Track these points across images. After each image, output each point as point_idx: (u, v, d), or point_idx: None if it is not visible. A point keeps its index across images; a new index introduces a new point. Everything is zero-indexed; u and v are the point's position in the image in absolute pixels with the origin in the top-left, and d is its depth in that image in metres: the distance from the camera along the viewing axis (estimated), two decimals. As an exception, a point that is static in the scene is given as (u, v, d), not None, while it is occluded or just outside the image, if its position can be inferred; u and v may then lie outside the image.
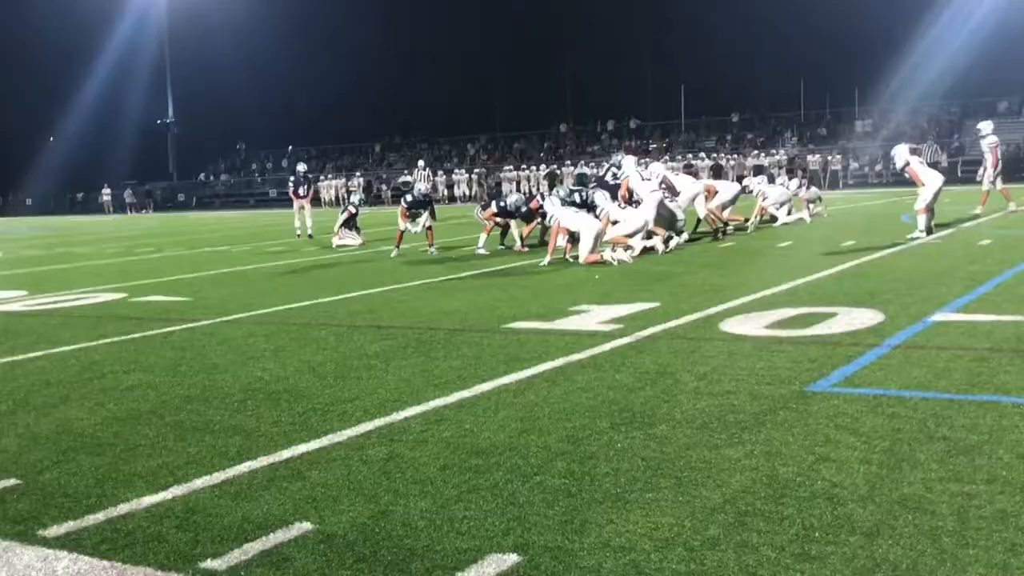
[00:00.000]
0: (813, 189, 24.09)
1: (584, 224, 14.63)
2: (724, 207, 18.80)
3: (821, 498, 4.12)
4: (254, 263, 17.84)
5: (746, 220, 19.43)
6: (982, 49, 46.46)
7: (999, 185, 22.22)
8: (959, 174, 40.62)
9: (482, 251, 16.96)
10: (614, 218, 15.08)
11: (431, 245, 17.73)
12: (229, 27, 68.19)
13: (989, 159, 22.31)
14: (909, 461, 4.55)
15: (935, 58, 47.83)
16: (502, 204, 17.60)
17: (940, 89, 50.40)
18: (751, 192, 20.95)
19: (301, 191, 25.40)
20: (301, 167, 26.78)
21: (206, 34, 69.88)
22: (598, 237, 14.58)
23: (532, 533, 3.89)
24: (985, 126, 23.00)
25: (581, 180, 31.32)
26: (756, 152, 53.00)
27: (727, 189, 19.35)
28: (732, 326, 8.30)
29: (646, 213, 15.61)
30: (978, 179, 23.13)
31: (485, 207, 18.29)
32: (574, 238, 14.87)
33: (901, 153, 16.94)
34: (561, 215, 14.83)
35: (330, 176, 63.53)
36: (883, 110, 56.43)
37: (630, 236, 14.94)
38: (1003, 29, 47.01)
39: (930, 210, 16.25)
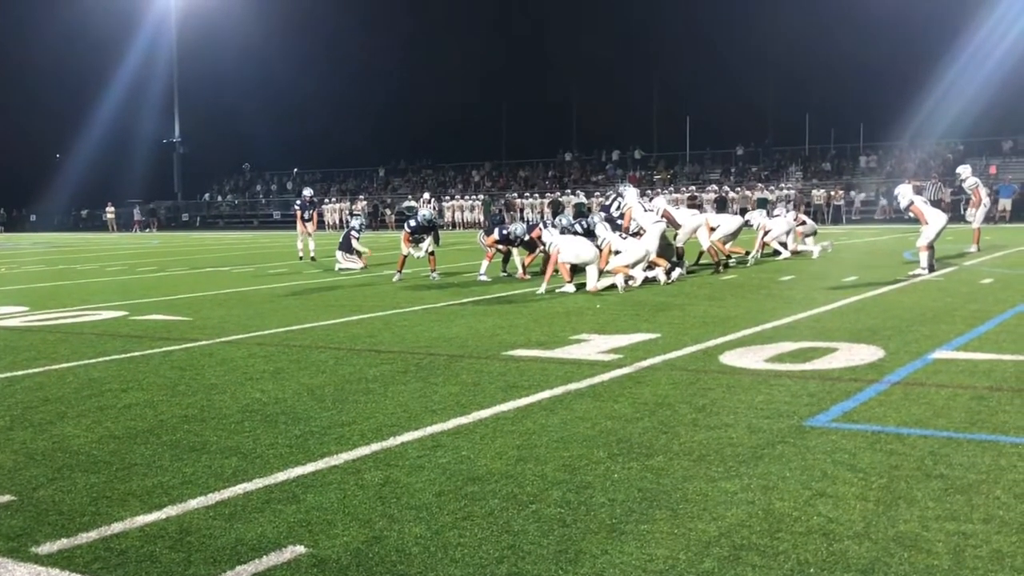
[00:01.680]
0: (810, 223, 24.13)
1: (583, 254, 14.63)
2: (726, 240, 18.83)
3: (817, 534, 4.11)
4: (256, 284, 17.85)
5: (747, 253, 19.46)
6: (988, 88, 46.71)
7: (976, 223, 22.59)
8: (962, 211, 40.69)
9: (484, 277, 16.98)
10: (615, 248, 15.10)
11: (433, 270, 17.76)
12: (237, 49, 68.67)
13: (973, 199, 23.02)
14: (906, 499, 4.54)
15: (940, 96, 48.04)
16: (504, 232, 17.61)
17: (944, 127, 50.57)
18: (751, 226, 21.01)
19: (306, 215, 25.59)
20: (307, 192, 27.12)
21: (214, 55, 70.34)
22: (597, 266, 14.64)
23: (526, 562, 3.88)
24: (964, 170, 23.73)
25: (579, 210, 31.48)
26: (761, 185, 53.09)
27: (729, 222, 19.39)
28: (732, 359, 8.29)
29: (648, 243, 15.64)
30: (968, 219, 23.58)
31: (487, 233, 18.31)
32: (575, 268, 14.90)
33: (905, 193, 17.01)
34: (560, 244, 14.80)
35: (334, 199, 63.64)
36: (887, 146, 56.68)
37: (631, 266, 14.96)
38: (1009, 69, 47.24)
39: (931, 248, 16.27)
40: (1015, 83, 47.58)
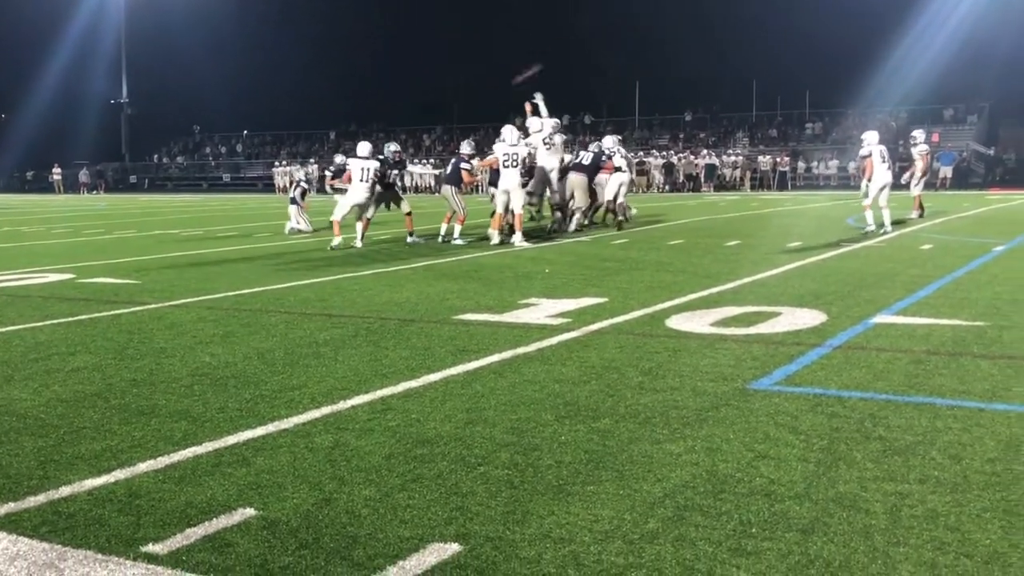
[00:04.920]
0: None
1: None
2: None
3: (759, 495, 4.20)
4: (205, 247, 17.72)
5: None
6: (930, 57, 47.19)
7: (917, 191, 22.65)
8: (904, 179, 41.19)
9: (458, 240, 17.28)
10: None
11: (411, 233, 17.81)
12: (187, 8, 67.61)
13: (919, 165, 22.78)
14: (846, 460, 4.65)
15: (885, 65, 48.47)
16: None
17: (888, 95, 51.03)
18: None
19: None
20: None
21: (164, 15, 69.26)
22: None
23: (474, 523, 3.93)
24: (919, 134, 23.47)
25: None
26: (706, 152, 53.34)
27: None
28: (678, 323, 8.39)
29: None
30: (904, 181, 23.36)
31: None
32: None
33: (870, 140, 17.17)
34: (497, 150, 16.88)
35: (284, 163, 63.05)
36: (832, 113, 57.21)
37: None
38: (952, 39, 47.73)
39: (879, 207, 16.62)
40: (958, 52, 48.05)
